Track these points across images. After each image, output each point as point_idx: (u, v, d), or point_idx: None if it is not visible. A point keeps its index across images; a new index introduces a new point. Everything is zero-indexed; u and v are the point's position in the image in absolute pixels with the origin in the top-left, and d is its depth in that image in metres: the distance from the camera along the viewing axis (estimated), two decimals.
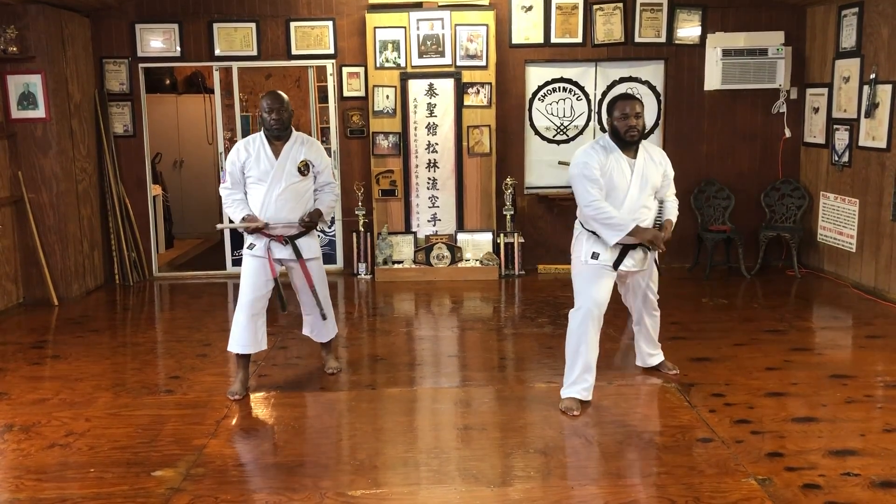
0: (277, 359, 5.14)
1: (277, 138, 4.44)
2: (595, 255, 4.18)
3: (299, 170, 4.44)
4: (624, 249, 4.18)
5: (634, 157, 4.16)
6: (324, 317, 4.68)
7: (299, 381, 4.72)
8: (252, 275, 4.45)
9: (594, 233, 4.19)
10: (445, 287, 7.08)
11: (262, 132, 4.47)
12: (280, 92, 4.46)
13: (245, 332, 4.46)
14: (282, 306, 4.57)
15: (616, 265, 4.19)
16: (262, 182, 4.41)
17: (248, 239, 4.48)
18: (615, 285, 4.34)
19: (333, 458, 3.73)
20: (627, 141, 4.11)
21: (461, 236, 7.52)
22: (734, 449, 3.70)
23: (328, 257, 7.71)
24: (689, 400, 4.31)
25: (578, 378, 4.20)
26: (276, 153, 4.43)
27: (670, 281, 7.10)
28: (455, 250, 7.40)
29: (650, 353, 4.72)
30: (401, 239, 7.52)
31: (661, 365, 4.73)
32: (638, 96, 4.25)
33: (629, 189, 4.11)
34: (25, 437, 3.96)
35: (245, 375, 4.55)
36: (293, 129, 4.54)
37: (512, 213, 7.43)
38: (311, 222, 4.49)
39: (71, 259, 6.75)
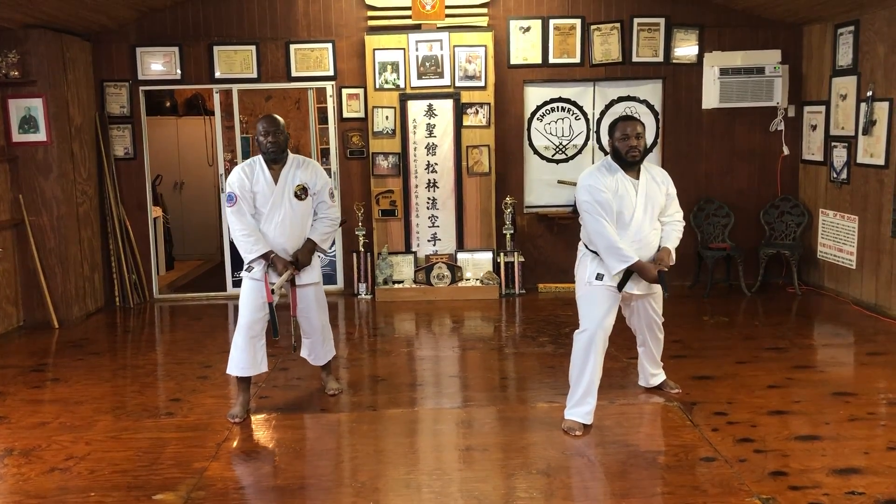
0: (278, 380, 5.13)
1: (275, 161, 4.40)
2: (599, 277, 4.17)
3: (296, 194, 4.41)
4: (628, 271, 4.16)
5: (637, 177, 4.17)
6: (294, 348, 4.67)
7: (300, 403, 4.70)
8: (250, 297, 4.43)
9: (598, 253, 4.19)
10: (446, 307, 7.08)
11: (259, 156, 4.44)
12: (275, 115, 4.44)
13: (244, 355, 4.44)
14: (274, 332, 4.46)
15: (620, 287, 4.17)
16: (262, 208, 4.38)
17: (247, 261, 4.44)
18: (620, 307, 4.34)
19: (335, 481, 3.71)
20: (629, 161, 4.12)
21: (461, 256, 7.52)
22: (737, 468, 3.68)
23: (328, 278, 7.71)
24: (691, 419, 4.29)
25: (580, 401, 4.18)
26: (275, 178, 4.40)
27: (671, 299, 7.08)
28: (455, 270, 7.40)
29: (653, 372, 4.70)
30: (401, 259, 7.52)
31: (663, 384, 4.72)
32: (637, 116, 4.25)
33: (634, 210, 4.12)
34: (25, 462, 3.94)
35: (246, 398, 4.53)
36: (290, 151, 4.51)
37: (512, 232, 7.44)
38: (300, 262, 4.44)
39: (71, 281, 6.76)
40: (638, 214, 4.12)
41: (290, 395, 4.83)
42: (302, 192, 4.43)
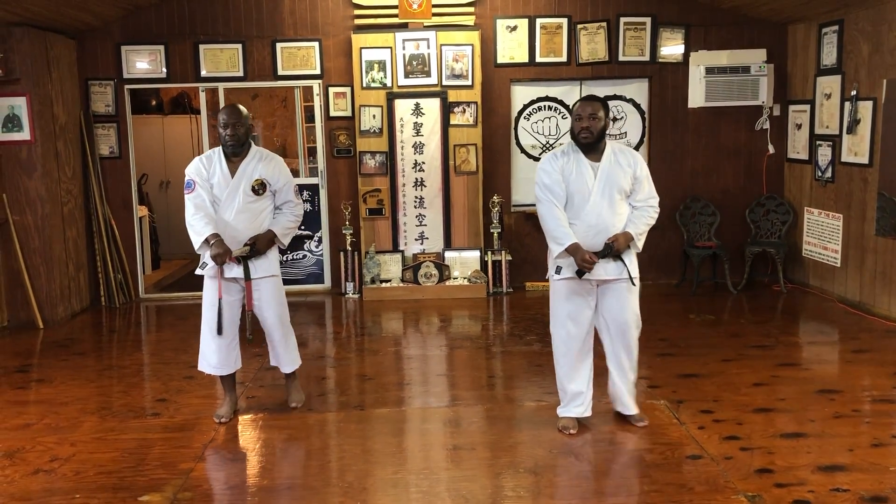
0: (265, 380, 5.11)
1: (234, 154, 4.25)
2: (558, 270, 4.04)
3: (253, 188, 4.23)
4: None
5: (599, 160, 3.98)
6: (250, 339, 4.38)
7: (287, 403, 4.68)
8: (210, 296, 4.31)
9: None
10: (433, 305, 7.07)
11: (219, 148, 4.30)
12: (239, 105, 4.28)
13: (214, 354, 4.36)
14: (219, 329, 4.28)
15: (581, 273, 3.93)
16: (217, 201, 4.23)
17: (203, 258, 4.29)
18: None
19: (322, 481, 3.70)
20: (581, 143, 3.96)
21: (449, 254, 7.52)
22: (723, 466, 3.70)
23: (316, 276, 7.70)
24: (677, 417, 4.31)
25: (570, 399, 4.17)
26: (233, 171, 4.24)
27: (657, 297, 7.14)
28: (443, 268, 7.40)
29: (623, 402, 4.23)
30: (388, 258, 7.51)
31: (631, 417, 4.24)
32: (601, 98, 4.12)
33: (591, 193, 3.94)
34: (10, 464, 3.91)
35: (233, 398, 4.50)
36: (252, 143, 4.35)
37: (499, 230, 7.44)
38: (255, 249, 4.23)
39: (56, 281, 6.70)
40: (594, 198, 3.93)
41: (277, 395, 4.81)
42: (260, 187, 4.24)
